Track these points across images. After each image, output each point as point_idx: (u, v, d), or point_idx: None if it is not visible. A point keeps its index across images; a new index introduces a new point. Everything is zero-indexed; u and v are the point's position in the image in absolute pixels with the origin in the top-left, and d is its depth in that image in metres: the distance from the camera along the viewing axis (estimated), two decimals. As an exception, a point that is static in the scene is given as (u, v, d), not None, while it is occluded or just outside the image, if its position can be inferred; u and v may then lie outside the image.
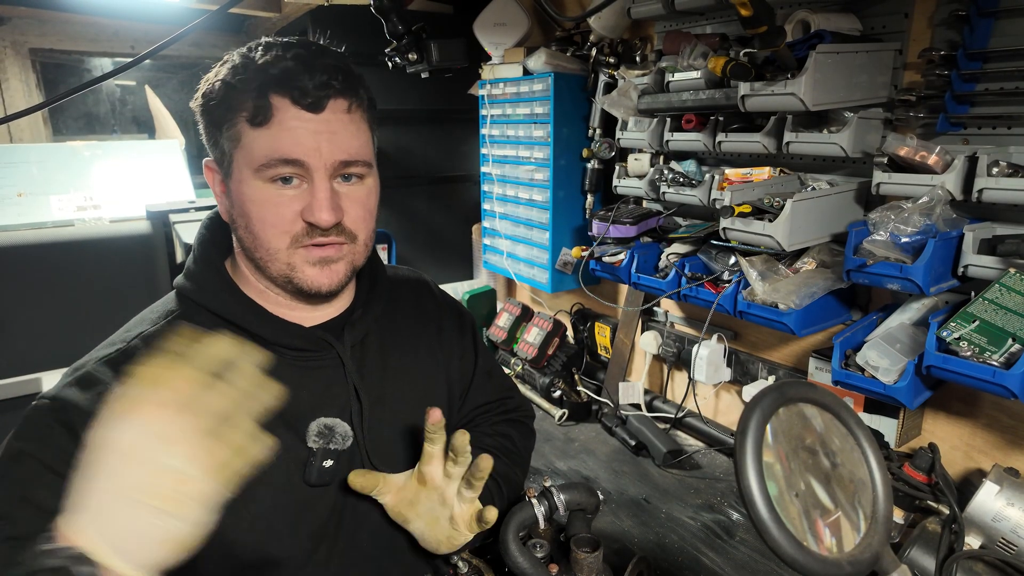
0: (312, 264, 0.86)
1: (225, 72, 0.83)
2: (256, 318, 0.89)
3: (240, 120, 0.81)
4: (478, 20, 2.15)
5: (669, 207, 1.79)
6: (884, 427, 1.37)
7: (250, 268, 0.91)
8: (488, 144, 2.28)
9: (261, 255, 0.86)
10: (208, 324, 0.87)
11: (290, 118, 0.80)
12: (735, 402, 1.84)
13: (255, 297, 0.92)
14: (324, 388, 0.93)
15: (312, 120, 0.81)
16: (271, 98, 0.80)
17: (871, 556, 0.69)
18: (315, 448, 0.89)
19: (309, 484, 0.89)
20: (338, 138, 0.83)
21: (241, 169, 0.83)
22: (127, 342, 0.86)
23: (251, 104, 0.80)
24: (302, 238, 0.84)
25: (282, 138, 0.80)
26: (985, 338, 1.07)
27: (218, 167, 0.87)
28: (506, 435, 1.16)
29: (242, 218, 0.85)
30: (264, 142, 0.81)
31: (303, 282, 0.87)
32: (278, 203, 0.83)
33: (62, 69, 2.77)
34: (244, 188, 0.83)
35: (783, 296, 1.33)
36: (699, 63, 1.49)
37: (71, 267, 2.05)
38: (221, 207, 0.91)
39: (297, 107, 0.80)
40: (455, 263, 2.84)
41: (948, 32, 1.22)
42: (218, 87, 0.83)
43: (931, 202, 1.14)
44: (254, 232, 0.85)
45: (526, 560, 0.90)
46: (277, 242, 0.84)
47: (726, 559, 1.32)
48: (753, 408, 0.69)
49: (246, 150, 0.82)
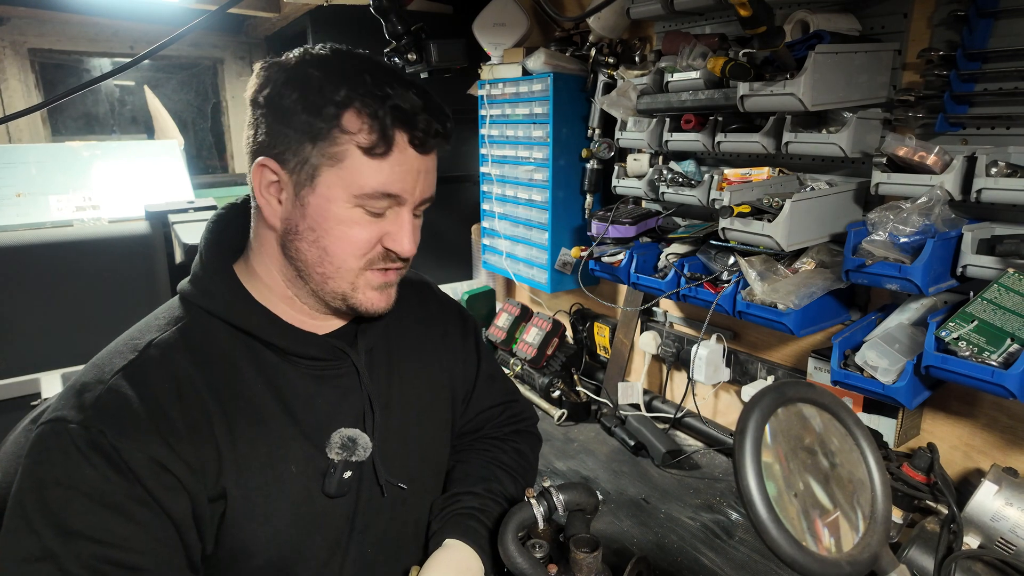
0: (375, 287, 0.88)
1: (343, 94, 0.78)
2: (274, 328, 0.88)
3: (347, 141, 0.79)
4: (477, 20, 2.15)
5: (668, 207, 1.79)
6: (883, 427, 1.37)
7: (286, 276, 0.89)
8: (487, 144, 2.28)
9: (325, 270, 0.85)
10: (220, 333, 0.86)
11: (403, 156, 0.82)
12: (734, 402, 1.84)
13: (267, 302, 0.89)
14: (341, 397, 0.92)
15: (417, 160, 0.84)
16: (395, 133, 0.80)
17: (870, 556, 0.69)
18: (337, 460, 0.88)
19: (329, 496, 0.88)
20: (429, 177, 0.87)
21: (333, 188, 0.81)
22: (139, 351, 0.82)
23: (375, 136, 0.79)
24: (376, 262, 0.87)
25: (392, 174, 0.81)
26: (984, 338, 1.07)
27: (287, 172, 0.82)
28: (520, 451, 1.17)
29: (314, 232, 0.83)
30: (374, 173, 0.80)
31: (361, 303, 0.88)
32: (364, 227, 0.84)
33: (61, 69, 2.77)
34: (332, 207, 0.82)
35: (782, 296, 1.33)
36: (698, 63, 1.49)
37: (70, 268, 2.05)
38: (274, 211, 0.85)
39: (411, 146, 0.82)
40: (454, 263, 2.84)
41: (947, 32, 1.22)
42: (330, 105, 0.78)
43: (930, 202, 1.14)
44: (326, 248, 0.83)
45: (525, 560, 0.90)
46: (352, 262, 0.85)
47: (725, 559, 1.32)
48: (752, 408, 0.69)
49: (349, 174, 0.80)
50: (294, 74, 0.80)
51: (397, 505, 0.97)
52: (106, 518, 0.73)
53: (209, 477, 0.80)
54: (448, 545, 0.95)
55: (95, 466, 0.74)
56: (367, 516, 0.93)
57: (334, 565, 0.91)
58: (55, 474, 0.74)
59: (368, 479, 0.93)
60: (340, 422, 0.90)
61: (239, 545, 0.83)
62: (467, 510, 1.00)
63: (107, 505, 0.73)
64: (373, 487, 0.94)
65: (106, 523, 0.73)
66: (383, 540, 0.96)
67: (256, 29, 2.97)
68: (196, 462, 0.78)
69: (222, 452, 0.81)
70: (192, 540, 0.79)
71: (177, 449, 0.77)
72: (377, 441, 0.93)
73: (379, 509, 0.95)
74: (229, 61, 3.12)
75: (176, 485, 0.77)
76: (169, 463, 0.76)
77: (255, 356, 0.87)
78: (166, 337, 0.84)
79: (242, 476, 0.82)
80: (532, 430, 1.25)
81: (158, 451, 0.76)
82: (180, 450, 0.77)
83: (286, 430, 0.86)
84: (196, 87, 3.16)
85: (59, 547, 0.71)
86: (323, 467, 0.88)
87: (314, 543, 0.88)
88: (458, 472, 1.09)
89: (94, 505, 0.73)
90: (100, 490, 0.73)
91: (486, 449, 1.14)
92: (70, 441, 0.74)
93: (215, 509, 0.81)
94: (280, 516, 0.85)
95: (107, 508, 0.73)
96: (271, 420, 0.85)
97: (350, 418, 0.92)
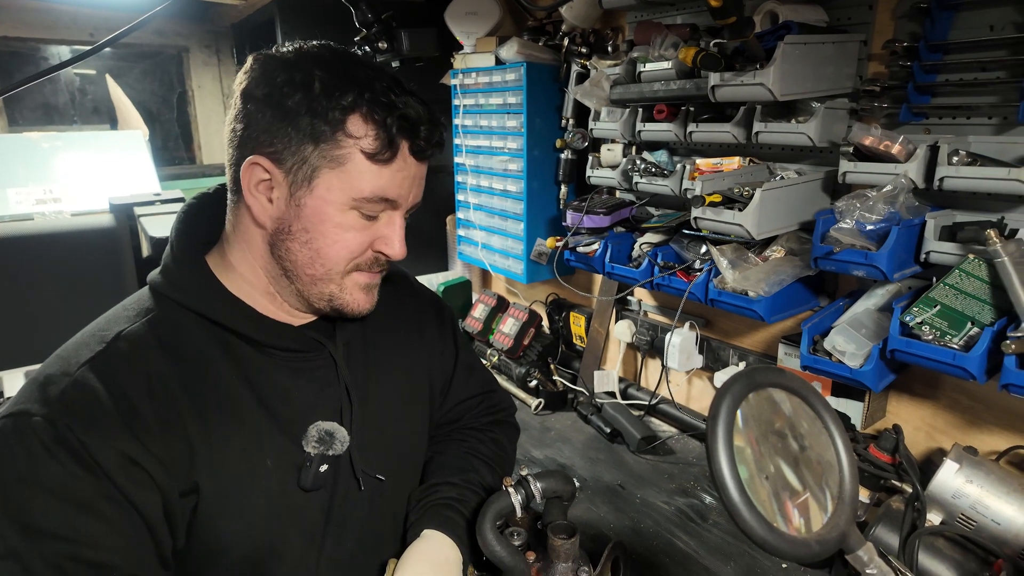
0: (361, 288, 0.90)
1: (350, 99, 0.78)
2: (248, 320, 0.86)
3: (353, 147, 0.79)
4: (449, 9, 2.13)
5: (641, 197, 1.80)
6: (851, 410, 1.41)
7: (270, 273, 0.88)
8: (461, 134, 2.26)
9: (316, 272, 0.85)
10: (192, 325, 0.84)
11: (406, 164, 0.84)
12: (707, 388, 1.87)
13: (242, 294, 0.87)
14: (318, 390, 0.91)
15: (415, 167, 0.87)
16: (400, 141, 0.82)
17: (838, 535, 0.71)
18: (313, 453, 0.87)
19: (304, 489, 0.87)
20: (421, 184, 0.91)
21: (332, 190, 0.81)
22: (106, 342, 0.80)
23: (381, 142, 0.80)
24: (364, 265, 0.88)
25: (392, 180, 0.83)
26: (946, 322, 1.10)
27: (283, 172, 0.81)
28: (498, 441, 1.17)
29: (307, 233, 0.83)
30: (375, 178, 0.81)
31: (347, 304, 0.89)
32: (359, 230, 0.85)
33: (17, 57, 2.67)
34: (329, 209, 0.81)
35: (753, 284, 1.35)
36: (670, 53, 1.50)
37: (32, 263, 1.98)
38: (263, 210, 0.83)
39: (411, 154, 0.84)
40: (429, 255, 2.82)
41: (910, 24, 1.24)
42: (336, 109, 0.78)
43: (895, 190, 1.16)
44: (319, 249, 0.84)
45: (504, 548, 0.90)
46: (341, 265, 0.86)
47: (700, 542, 1.34)
48: (724, 394, 0.70)
49: (350, 177, 0.80)
50: (296, 73, 0.79)
51: (375, 498, 0.97)
52: (72, 515, 0.71)
53: (181, 472, 0.78)
54: (426, 536, 0.95)
55: (61, 462, 0.71)
56: (344, 510, 0.93)
57: (310, 560, 0.90)
58: (18, 470, 0.71)
59: (345, 472, 0.93)
60: (317, 415, 0.89)
61: (213, 540, 0.82)
62: (445, 500, 1.00)
63: (73, 502, 0.72)
64: (350, 480, 0.93)
65: (72, 520, 0.71)
66: (362, 534, 0.96)
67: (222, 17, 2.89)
68: (167, 457, 0.77)
69: (194, 446, 0.79)
70: (163, 536, 0.78)
71: (147, 444, 0.75)
72: (355, 433, 0.93)
73: (357, 502, 0.94)
74: (195, 50, 3.04)
75: (146, 480, 0.75)
76: (139, 458, 0.74)
77: (229, 349, 0.85)
78: (135, 329, 0.82)
79: (215, 470, 0.80)
80: (510, 420, 1.25)
81: (127, 446, 0.74)
82: (150, 444, 0.76)
83: (262, 423, 0.85)
84: (161, 76, 3.08)
85: (23, 546, 0.69)
86: (299, 461, 0.87)
87: (289, 537, 0.87)
88: (436, 463, 1.09)
89: (59, 502, 0.71)
90: (66, 487, 0.71)
91: (463, 439, 1.14)
92: (33, 436, 0.72)
93: (187, 504, 0.79)
94: (254, 510, 0.84)
95: (73, 505, 0.72)
96: (246, 414, 0.84)
97: (327, 411, 0.91)
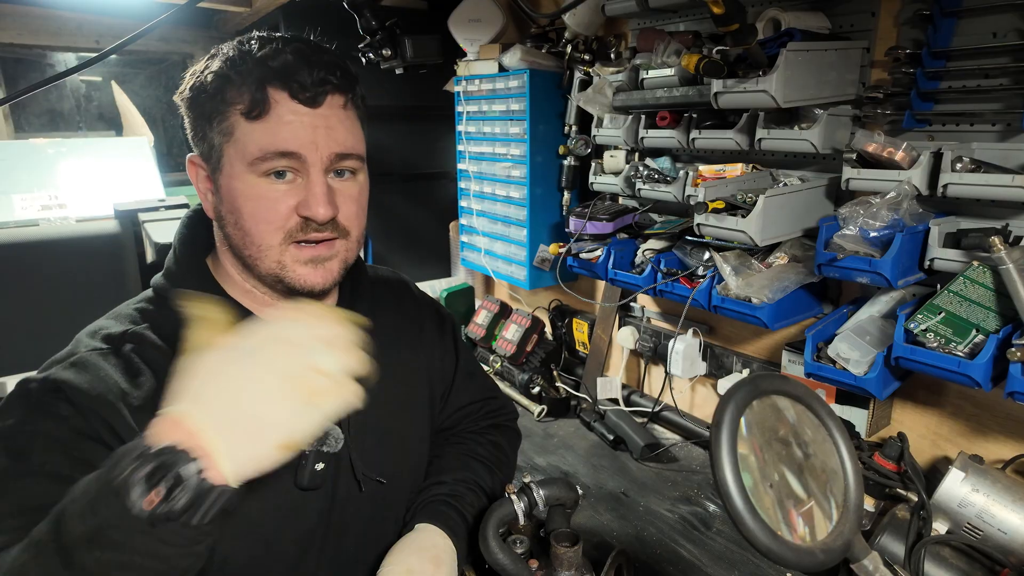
0: (304, 263, 0.85)
1: (218, 64, 0.81)
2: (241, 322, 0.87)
3: (234, 113, 0.80)
4: (453, 16, 2.14)
5: (644, 203, 1.81)
6: (855, 417, 1.40)
7: (237, 268, 0.89)
8: (464, 141, 2.27)
9: (251, 252, 0.84)
10: None
11: (287, 112, 0.80)
12: (711, 395, 1.86)
13: (240, 297, 0.89)
14: None
15: (309, 114, 0.81)
16: (269, 91, 0.79)
17: (843, 544, 0.71)
18: (308, 451, 0.87)
19: (301, 488, 0.87)
20: (334, 132, 0.83)
21: (233, 163, 0.81)
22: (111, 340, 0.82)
23: (248, 97, 0.79)
24: (296, 233, 0.83)
25: (279, 131, 0.79)
26: (950, 329, 1.09)
27: (205, 162, 0.85)
28: (497, 443, 1.17)
29: (232, 214, 0.83)
30: (260, 135, 0.79)
31: (295, 281, 0.85)
32: (272, 198, 0.81)
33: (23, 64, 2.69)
34: (236, 183, 0.81)
35: (756, 290, 1.35)
36: (673, 60, 1.50)
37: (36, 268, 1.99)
38: (206, 204, 0.88)
39: (295, 101, 0.80)
40: (432, 261, 2.82)
41: (913, 31, 1.24)
42: (211, 79, 0.80)
43: (898, 197, 1.16)
44: (245, 228, 0.82)
45: (506, 556, 0.90)
46: (269, 238, 0.82)
47: (703, 550, 1.34)
48: (727, 401, 0.69)
49: (240, 144, 0.80)
50: (196, 71, 0.84)
51: (376, 501, 0.97)
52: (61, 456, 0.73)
53: None
54: (416, 528, 0.96)
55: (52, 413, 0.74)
56: (345, 513, 0.93)
57: (309, 562, 0.90)
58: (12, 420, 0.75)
59: (345, 474, 0.93)
60: None
61: None
62: (437, 496, 1.02)
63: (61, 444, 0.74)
64: (351, 482, 0.93)
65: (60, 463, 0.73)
66: (363, 538, 0.96)
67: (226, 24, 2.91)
68: None
69: None
70: None
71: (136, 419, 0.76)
72: (354, 436, 0.92)
73: (358, 506, 0.94)
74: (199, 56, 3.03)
75: None
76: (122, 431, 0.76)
77: None
78: (138, 330, 0.84)
79: None
80: (510, 424, 1.25)
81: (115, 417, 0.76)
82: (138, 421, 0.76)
83: None
84: (165, 83, 3.09)
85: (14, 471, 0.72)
86: (295, 460, 0.87)
87: (286, 538, 0.88)
88: (434, 466, 1.10)
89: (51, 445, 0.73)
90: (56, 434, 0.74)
91: (461, 442, 1.15)
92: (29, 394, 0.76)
93: None
94: (249, 508, 0.83)
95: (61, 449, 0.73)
96: None
97: None
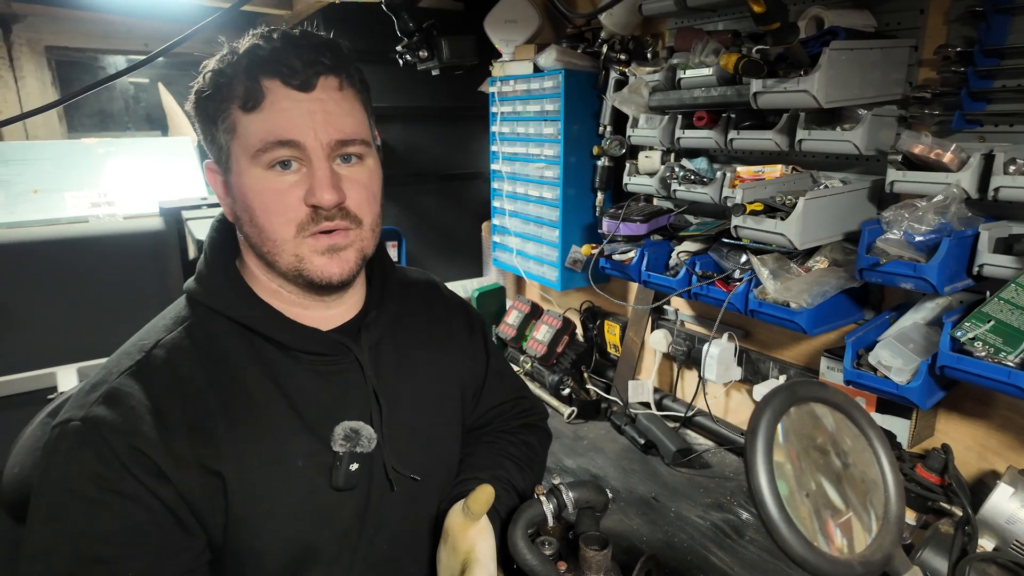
0: (321, 253, 0.84)
1: (214, 64, 0.82)
2: (274, 323, 0.88)
3: (233, 109, 0.80)
4: (488, 17, 2.15)
5: (680, 205, 1.78)
6: (896, 427, 1.36)
7: (260, 267, 0.90)
8: (498, 141, 2.27)
9: (268, 248, 0.84)
10: (224, 329, 0.87)
11: (282, 99, 0.79)
12: (746, 401, 1.83)
13: (268, 298, 0.90)
14: (343, 392, 0.92)
15: (304, 99, 0.80)
16: (261, 80, 0.79)
17: (883, 557, 0.69)
18: (341, 452, 0.88)
19: (336, 489, 0.88)
20: (333, 117, 0.82)
21: (239, 160, 0.82)
22: (145, 352, 0.84)
23: (242, 89, 0.79)
24: (308, 225, 0.82)
25: (275, 119, 0.79)
26: (1000, 338, 1.05)
27: (218, 166, 0.86)
28: (528, 443, 1.17)
29: (246, 212, 0.84)
30: (258, 126, 0.80)
31: (313, 273, 0.85)
32: (280, 190, 0.81)
33: (76, 67, 2.79)
34: (244, 179, 0.82)
35: (795, 295, 1.32)
36: (711, 60, 1.48)
37: (85, 263, 2.08)
38: (225, 207, 0.89)
39: (288, 87, 0.79)
40: (465, 260, 2.85)
41: (964, 28, 1.20)
42: (208, 79, 0.82)
43: (946, 200, 1.12)
44: (259, 225, 0.83)
45: (535, 557, 0.90)
46: (283, 231, 0.82)
47: (735, 558, 1.31)
48: (764, 407, 0.68)
49: (242, 138, 0.81)
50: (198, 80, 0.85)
51: (409, 499, 0.97)
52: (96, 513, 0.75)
53: (209, 474, 0.80)
54: None
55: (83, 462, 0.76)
56: (379, 511, 0.94)
57: (344, 561, 0.91)
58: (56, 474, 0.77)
59: (378, 474, 0.94)
60: (345, 417, 0.90)
61: (247, 541, 0.83)
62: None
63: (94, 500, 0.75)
64: (384, 482, 0.94)
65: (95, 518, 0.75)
66: (397, 536, 0.96)
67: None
68: (193, 459, 0.79)
69: (222, 449, 0.81)
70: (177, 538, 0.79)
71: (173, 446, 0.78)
72: (386, 435, 0.93)
73: (392, 504, 0.95)
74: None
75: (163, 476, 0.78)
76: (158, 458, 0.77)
77: (258, 352, 0.87)
78: (172, 338, 0.85)
79: (245, 472, 0.82)
80: (541, 424, 1.25)
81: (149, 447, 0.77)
82: (176, 447, 0.78)
83: (291, 425, 0.87)
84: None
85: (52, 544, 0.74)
86: (330, 462, 0.88)
87: (323, 538, 0.89)
88: (465, 464, 1.10)
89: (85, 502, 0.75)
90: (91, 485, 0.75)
91: (493, 441, 1.15)
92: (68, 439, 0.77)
93: (215, 504, 0.81)
94: (286, 510, 0.85)
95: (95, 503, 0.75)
96: (275, 416, 0.86)
97: (356, 413, 0.92)
